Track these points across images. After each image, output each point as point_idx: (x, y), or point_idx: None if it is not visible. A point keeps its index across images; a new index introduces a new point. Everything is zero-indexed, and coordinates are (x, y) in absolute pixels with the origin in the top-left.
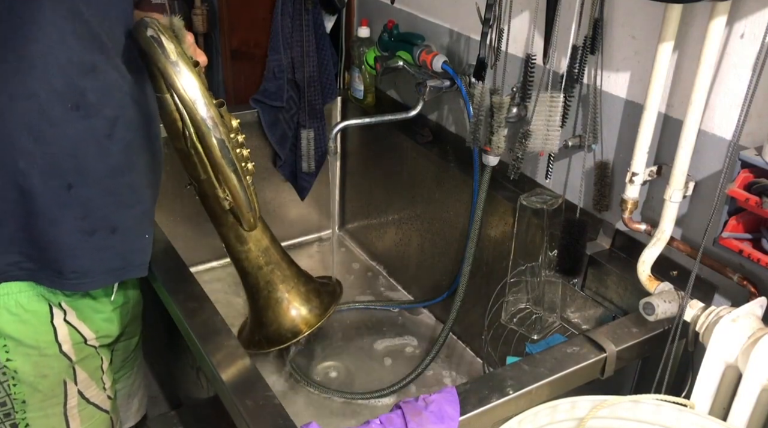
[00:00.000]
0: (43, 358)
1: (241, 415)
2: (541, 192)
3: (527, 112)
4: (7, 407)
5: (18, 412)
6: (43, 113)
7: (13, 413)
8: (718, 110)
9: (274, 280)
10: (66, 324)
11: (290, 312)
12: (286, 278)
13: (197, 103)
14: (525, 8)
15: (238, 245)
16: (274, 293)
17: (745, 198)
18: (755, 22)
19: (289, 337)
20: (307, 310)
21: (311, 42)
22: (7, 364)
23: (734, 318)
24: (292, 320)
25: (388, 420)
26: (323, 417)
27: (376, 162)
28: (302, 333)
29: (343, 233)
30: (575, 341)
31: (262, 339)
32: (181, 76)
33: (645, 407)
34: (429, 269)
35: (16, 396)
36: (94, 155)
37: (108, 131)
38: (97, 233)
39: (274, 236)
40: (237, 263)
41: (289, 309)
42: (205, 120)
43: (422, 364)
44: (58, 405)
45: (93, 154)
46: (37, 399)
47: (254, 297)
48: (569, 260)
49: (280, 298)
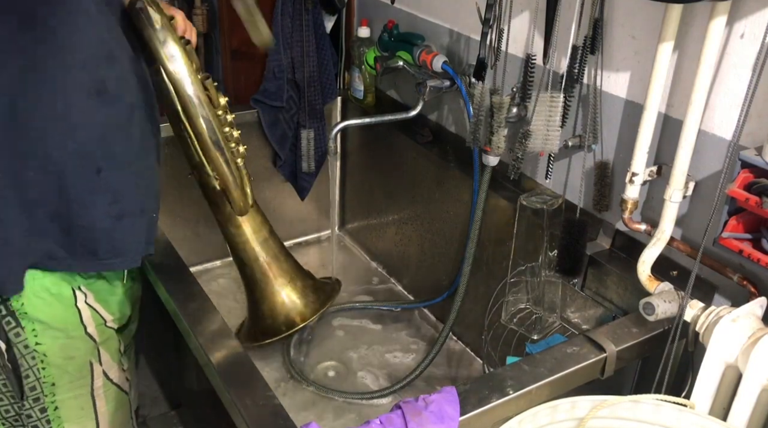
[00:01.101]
0: (70, 340)
1: (241, 415)
2: (541, 192)
3: (527, 112)
4: (37, 391)
5: (47, 395)
6: (71, 103)
7: (42, 396)
8: (718, 110)
9: (271, 272)
10: (88, 306)
11: (286, 305)
12: (283, 271)
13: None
14: (525, 8)
15: (237, 236)
16: (270, 285)
17: (745, 198)
18: (755, 22)
19: (283, 329)
20: (303, 304)
21: (311, 42)
22: (37, 347)
23: (734, 318)
24: (288, 312)
25: (388, 420)
26: (323, 417)
27: (376, 162)
28: (297, 326)
29: (343, 233)
30: (575, 341)
31: (257, 332)
32: (166, 46)
33: (645, 407)
34: (429, 269)
35: (45, 380)
36: (120, 139)
37: (128, 116)
38: (127, 214)
39: (274, 230)
40: (235, 253)
41: (285, 302)
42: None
43: (422, 364)
44: (85, 386)
45: (118, 139)
46: (65, 381)
47: (251, 289)
48: (569, 260)
49: (276, 290)
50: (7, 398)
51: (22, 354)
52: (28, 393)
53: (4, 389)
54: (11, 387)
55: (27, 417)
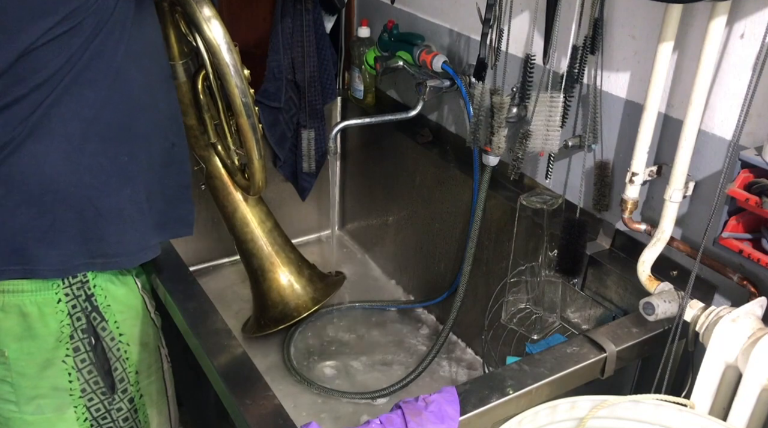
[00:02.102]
0: (144, 326)
1: (241, 415)
2: (541, 192)
3: (527, 112)
4: (125, 383)
5: (133, 385)
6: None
7: (129, 387)
8: (718, 110)
9: (279, 262)
10: (144, 293)
11: (296, 291)
12: (290, 260)
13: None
14: (525, 8)
15: (244, 227)
16: (279, 274)
17: (745, 198)
18: (755, 22)
19: (294, 315)
20: (312, 289)
21: (311, 42)
22: (121, 338)
23: (734, 318)
24: (297, 298)
25: (388, 420)
26: (323, 417)
27: (376, 162)
28: (309, 310)
29: (343, 233)
30: (575, 341)
31: (268, 321)
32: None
33: (645, 407)
34: (429, 269)
35: (130, 369)
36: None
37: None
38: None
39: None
40: (243, 245)
41: (295, 289)
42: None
43: (422, 364)
44: (159, 371)
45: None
46: (145, 367)
47: (258, 280)
48: (569, 260)
49: (284, 278)
50: (97, 395)
51: (110, 347)
52: (117, 386)
53: (95, 386)
54: (102, 383)
55: (117, 411)
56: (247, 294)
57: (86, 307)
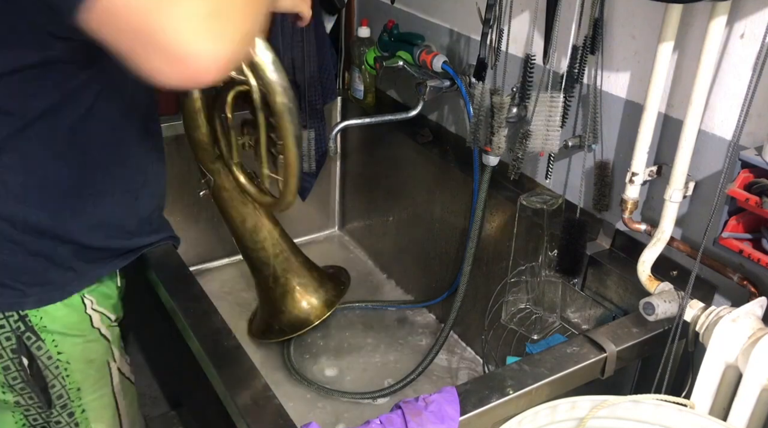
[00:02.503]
0: (89, 344)
1: (241, 415)
2: (541, 192)
3: (527, 112)
4: (64, 398)
5: (74, 400)
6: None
7: (69, 402)
8: (718, 110)
9: (291, 268)
10: (95, 311)
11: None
12: (301, 264)
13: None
14: (525, 8)
15: (255, 236)
16: (292, 281)
17: (745, 198)
18: (755, 22)
19: (312, 320)
20: (325, 292)
21: (311, 42)
22: (60, 357)
23: (734, 318)
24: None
25: (388, 420)
26: (323, 417)
27: (376, 162)
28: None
29: (343, 233)
30: (575, 341)
31: (283, 327)
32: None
33: (645, 407)
34: (429, 269)
35: (71, 386)
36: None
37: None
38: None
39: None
40: (253, 253)
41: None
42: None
43: (422, 364)
44: (107, 386)
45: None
46: (89, 383)
47: (271, 287)
48: (569, 260)
49: (299, 284)
50: (34, 408)
51: (46, 366)
52: (55, 402)
53: (30, 401)
54: (37, 399)
55: (56, 423)
56: (248, 295)
57: (18, 327)
